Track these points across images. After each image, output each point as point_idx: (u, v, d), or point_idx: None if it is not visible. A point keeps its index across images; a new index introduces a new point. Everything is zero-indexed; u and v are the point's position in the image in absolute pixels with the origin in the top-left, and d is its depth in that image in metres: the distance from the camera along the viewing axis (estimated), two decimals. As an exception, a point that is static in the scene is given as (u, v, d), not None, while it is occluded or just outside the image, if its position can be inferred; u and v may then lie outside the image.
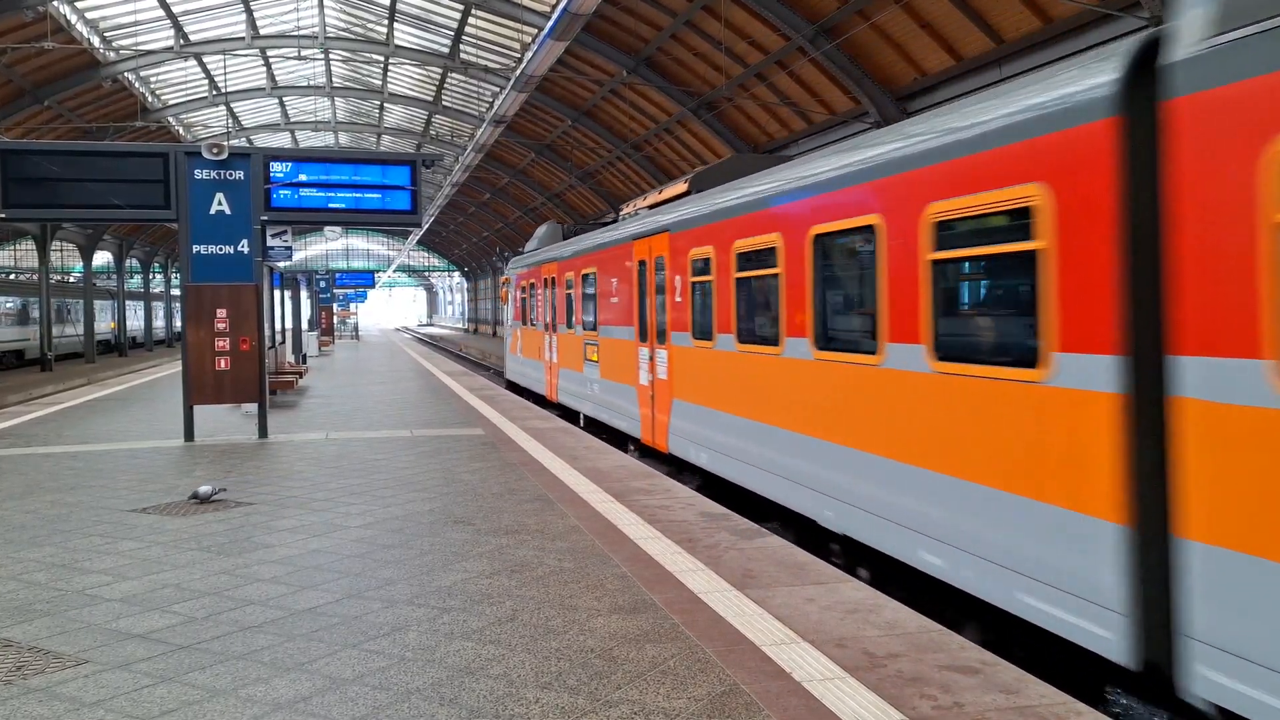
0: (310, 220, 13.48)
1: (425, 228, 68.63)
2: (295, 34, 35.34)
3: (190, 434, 12.38)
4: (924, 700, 4.00)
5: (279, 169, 12.54)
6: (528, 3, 28.23)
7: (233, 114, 44.08)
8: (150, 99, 37.53)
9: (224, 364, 12.22)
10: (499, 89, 33.26)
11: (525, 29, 29.04)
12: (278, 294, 20.19)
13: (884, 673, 4.30)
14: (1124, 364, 4.55)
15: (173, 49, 33.05)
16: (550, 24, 20.07)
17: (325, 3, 34.17)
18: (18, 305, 43.38)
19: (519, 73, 24.41)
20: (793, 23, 22.53)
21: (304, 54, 35.73)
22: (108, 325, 54.32)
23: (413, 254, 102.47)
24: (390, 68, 39.97)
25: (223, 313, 12.18)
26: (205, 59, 35.69)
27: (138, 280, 63.09)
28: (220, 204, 12.23)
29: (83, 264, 49.66)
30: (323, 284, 43.87)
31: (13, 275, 58.87)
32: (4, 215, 11.81)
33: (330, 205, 12.79)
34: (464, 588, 5.67)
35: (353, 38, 36.77)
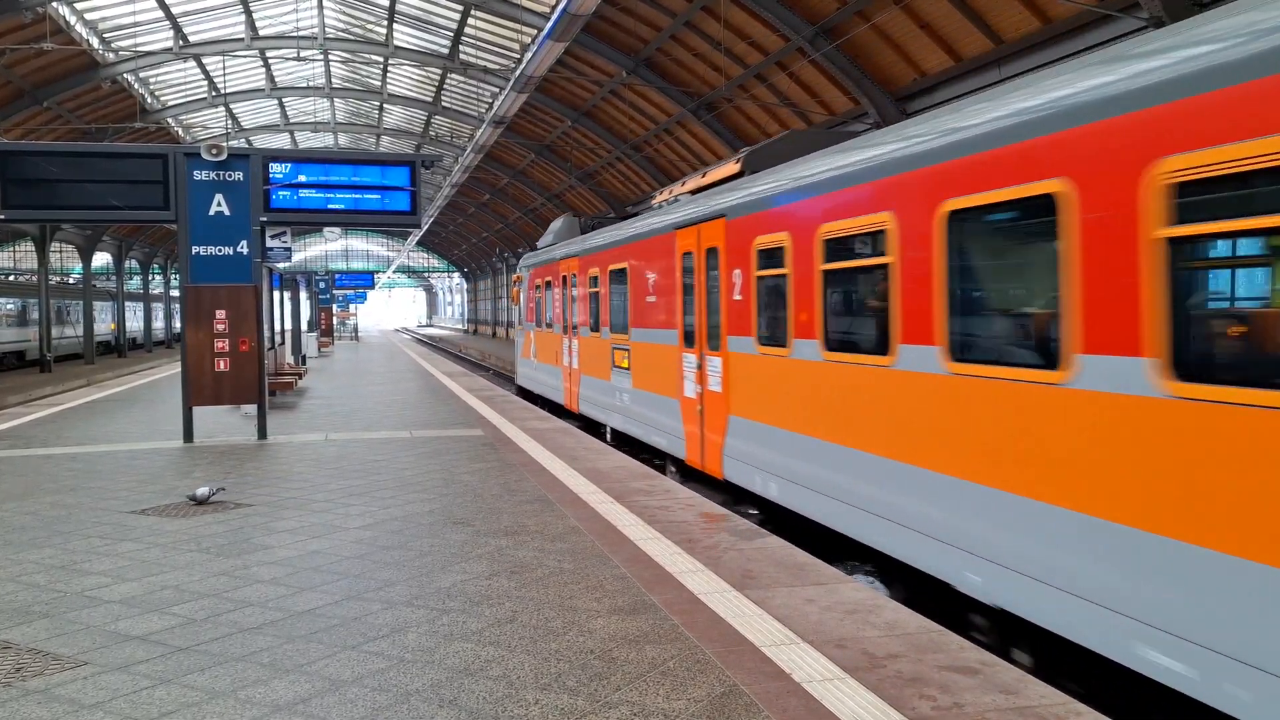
0: (309, 221, 13.47)
1: (425, 229, 68.62)
2: (294, 35, 35.33)
3: (190, 435, 12.37)
4: (924, 701, 3.99)
5: (278, 170, 12.53)
6: (527, 3, 28.23)
7: (232, 115, 44.07)
8: (149, 100, 37.52)
9: (223, 365, 12.22)
10: (498, 90, 33.26)
11: (525, 30, 29.04)
12: (277, 295, 20.18)
13: (884, 673, 4.29)
14: None
15: (172, 50, 33.04)
16: (549, 25, 20.07)
17: (324, 4, 34.17)
18: (18, 307, 43.36)
19: (518, 73, 24.40)
20: (792, 23, 22.53)
21: (303, 55, 35.72)
22: (107, 326, 54.30)
23: (412, 255, 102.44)
24: (389, 68, 39.96)
25: (222, 314, 12.17)
26: (204, 60, 35.67)
27: (137, 281, 63.03)
28: (219, 205, 12.22)
29: (82, 265, 49.62)
30: (322, 285, 43.86)
31: (12, 277, 58.82)
32: (3, 216, 11.80)
33: (329, 206, 12.78)
34: (463, 589, 5.66)
35: (352, 39, 36.77)
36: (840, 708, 3.92)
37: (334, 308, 52.18)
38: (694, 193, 11.52)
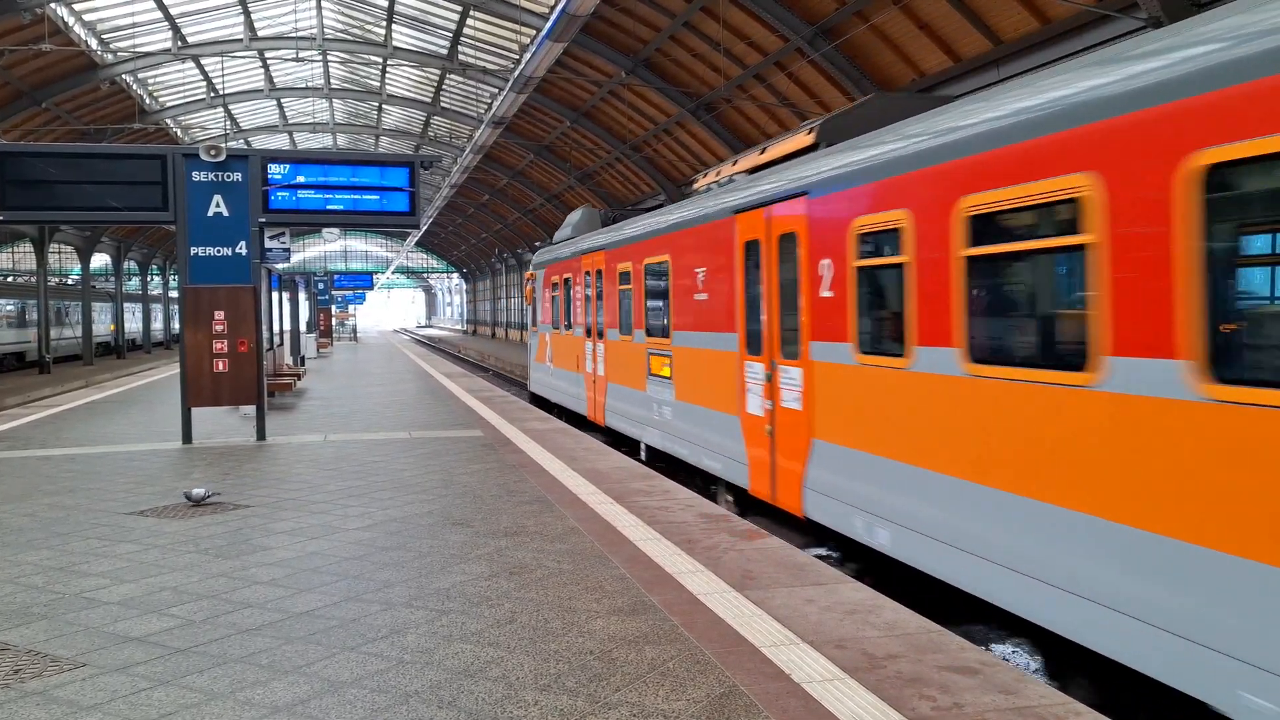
0: (308, 222, 13.47)
1: (423, 229, 68.60)
2: (293, 35, 35.32)
3: (188, 436, 12.36)
4: (923, 701, 3.99)
5: (277, 171, 12.52)
6: (526, 4, 28.22)
7: (230, 116, 44.05)
8: (148, 101, 37.50)
9: (222, 366, 12.21)
10: (497, 90, 33.26)
11: (523, 30, 29.04)
12: (276, 296, 20.17)
13: (883, 673, 4.29)
14: None
15: (170, 51, 33.02)
16: (548, 25, 20.07)
17: (323, 4, 34.16)
18: (17, 308, 43.34)
19: (517, 74, 24.40)
20: (791, 24, 22.53)
21: (302, 56, 35.72)
22: (106, 327, 54.28)
23: (411, 255, 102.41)
24: (388, 69, 39.95)
25: (221, 315, 12.16)
26: (203, 61, 35.66)
27: (136, 282, 63.02)
28: (218, 206, 12.22)
29: (81, 266, 49.60)
30: (321, 285, 43.86)
31: (11, 278, 58.80)
32: (2, 218, 11.81)
33: (328, 207, 12.78)
34: (463, 590, 5.66)
35: (351, 39, 36.76)
36: (840, 708, 3.92)
37: (333, 308, 52.16)
38: (753, 171, 9.85)
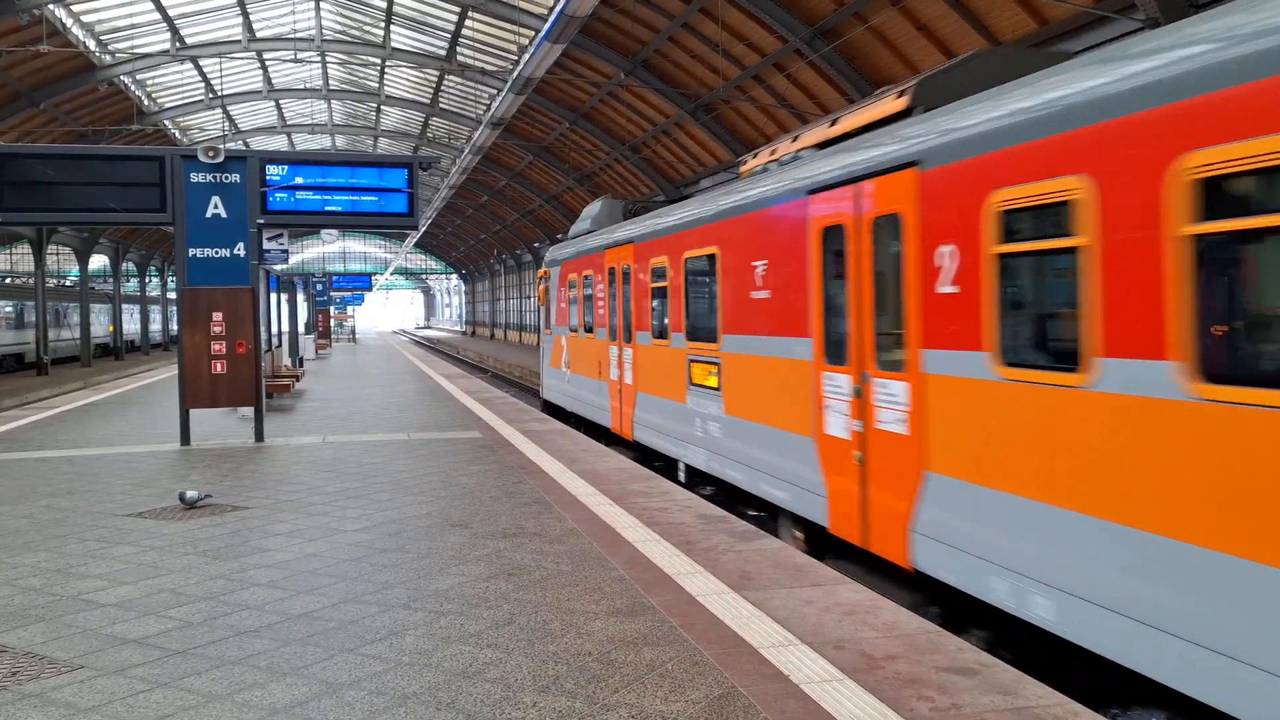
0: (307, 223, 13.46)
1: (422, 230, 68.59)
2: (291, 37, 35.30)
3: (186, 438, 12.35)
4: (921, 702, 3.99)
5: (275, 172, 12.52)
6: (524, 5, 28.23)
7: (229, 117, 44.04)
8: (146, 102, 37.48)
9: (220, 368, 12.20)
10: (496, 91, 33.25)
11: (522, 31, 29.04)
12: (274, 297, 20.17)
13: (882, 674, 4.29)
14: None
15: (169, 52, 33.00)
16: (547, 26, 20.08)
17: (321, 6, 34.15)
18: (15, 310, 43.30)
19: (516, 75, 24.41)
20: (789, 25, 22.54)
21: (300, 57, 35.70)
22: (104, 329, 54.26)
23: (410, 256, 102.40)
24: (387, 70, 39.94)
25: (219, 316, 12.16)
26: (201, 62, 35.64)
27: (134, 284, 62.99)
28: (216, 207, 12.21)
29: (79, 267, 49.58)
30: (319, 287, 43.86)
31: (9, 280, 58.75)
32: (0, 219, 11.80)
33: (327, 208, 12.77)
34: (461, 591, 5.65)
35: (349, 40, 36.75)
36: (838, 709, 3.92)
37: (331, 310, 52.14)
38: (823, 146, 8.31)
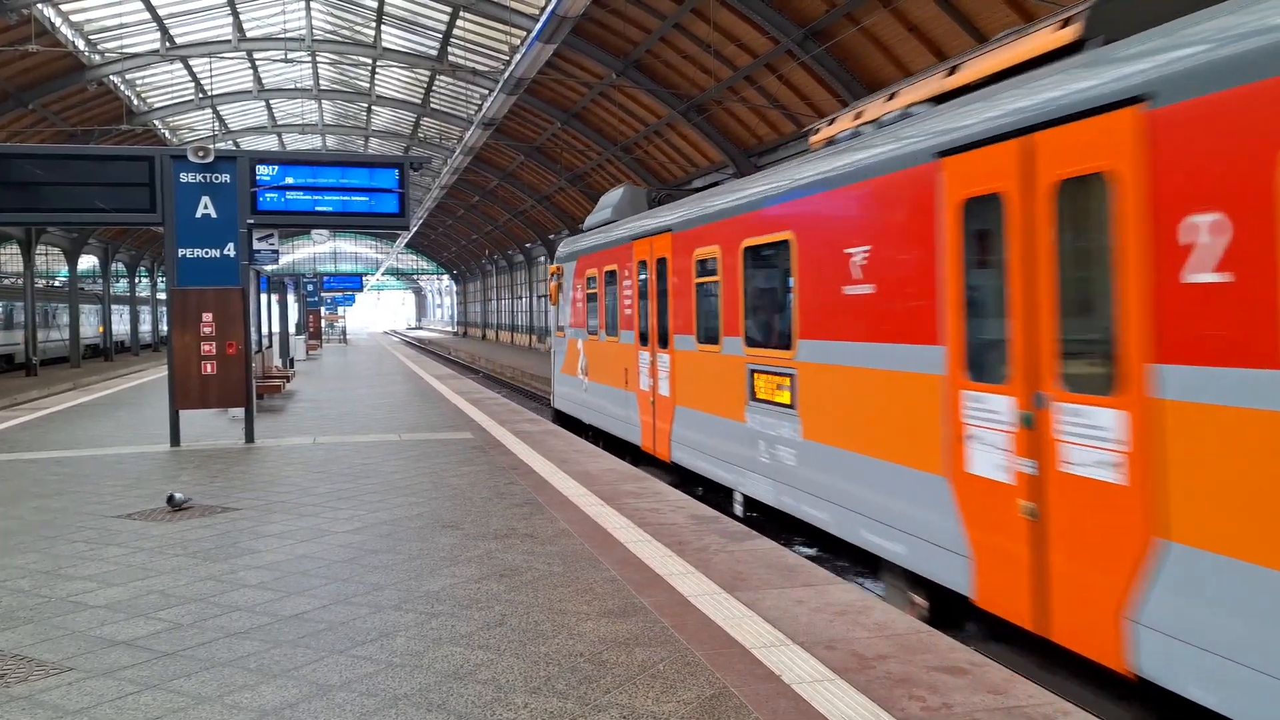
0: (297, 224, 13.43)
1: (413, 231, 68.48)
2: (282, 36, 35.19)
3: (176, 439, 12.30)
4: (913, 701, 3.99)
5: (265, 172, 12.48)
6: (516, 5, 28.21)
7: (219, 117, 43.90)
8: (136, 102, 37.33)
9: (210, 368, 12.15)
10: (487, 91, 33.21)
11: (513, 31, 29.02)
12: (264, 297, 20.10)
13: (873, 674, 4.29)
14: None
15: (158, 52, 32.87)
16: (538, 26, 20.07)
17: (312, 5, 34.06)
18: (4, 310, 43.07)
19: (507, 75, 24.39)
20: (781, 26, 22.57)
21: (291, 56, 35.60)
22: (94, 330, 54.02)
23: (401, 257, 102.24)
24: (378, 70, 39.86)
25: (209, 317, 12.11)
26: (191, 62, 35.51)
27: (124, 284, 62.73)
28: (206, 207, 12.17)
29: (68, 268, 49.34)
30: (310, 287, 43.73)
31: (-2, 280, 58.46)
32: (-12, 219, 11.75)
33: (317, 208, 12.74)
34: (452, 592, 5.64)
35: (340, 40, 36.66)
36: (830, 709, 3.92)
37: (322, 310, 52.00)
38: (940, 100, 6.49)
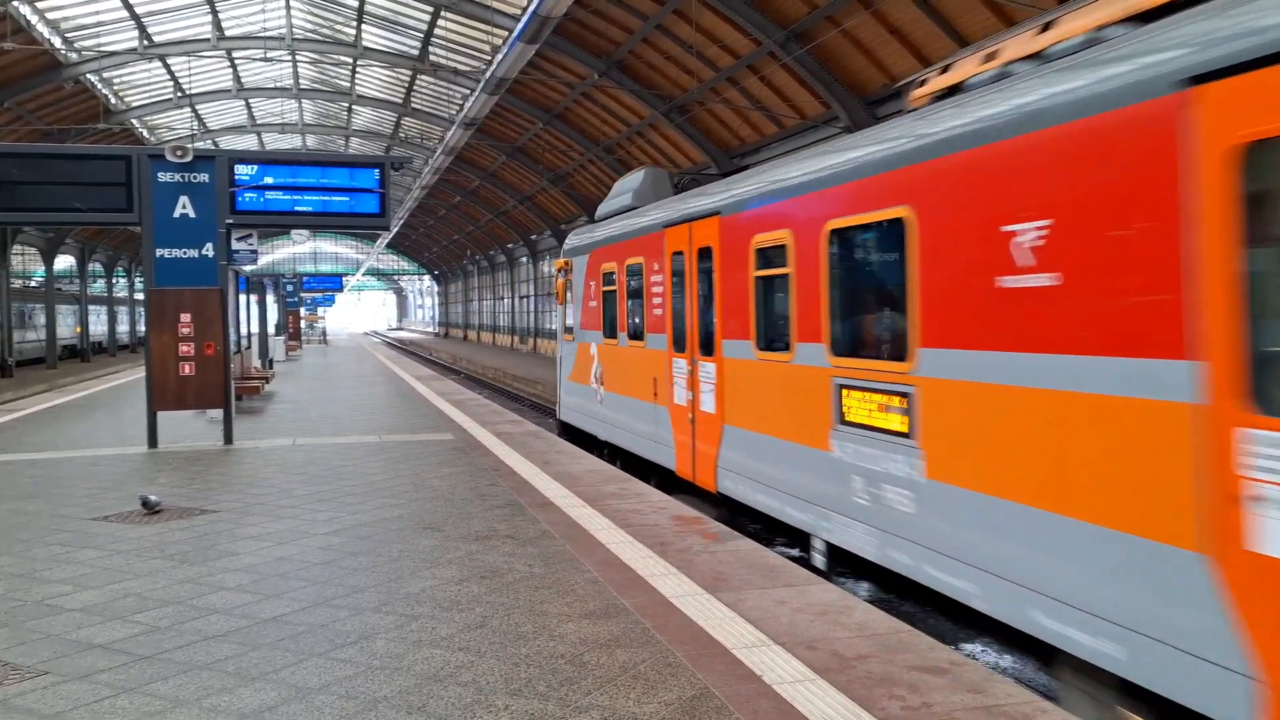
0: (276, 224, 13.35)
1: (394, 231, 68.15)
2: (261, 35, 34.95)
3: (154, 441, 12.19)
4: (893, 701, 4.01)
5: (244, 172, 12.40)
6: (497, 5, 28.13)
7: (198, 116, 43.53)
8: (113, 101, 36.96)
9: (188, 369, 12.06)
10: (469, 91, 33.10)
11: (495, 31, 28.93)
12: (243, 298, 19.97)
13: (854, 674, 4.31)
14: None
15: (136, 50, 32.56)
16: (520, 26, 20.02)
17: (292, 4, 33.84)
18: None
19: (489, 75, 24.32)
20: (763, 27, 22.61)
21: (270, 55, 35.35)
22: (71, 330, 53.48)
23: (382, 257, 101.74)
24: (358, 70, 39.65)
25: (187, 317, 12.01)
26: (169, 60, 35.20)
27: (101, 285, 62.12)
28: (184, 207, 12.07)
29: (44, 268, 48.82)
30: (290, 288, 43.47)
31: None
32: (-39, 218, 11.61)
33: (297, 208, 12.66)
34: (433, 594, 5.62)
35: (320, 39, 36.44)
36: (810, 709, 3.93)
37: (302, 311, 51.70)
38: (1150, 16, 4.78)
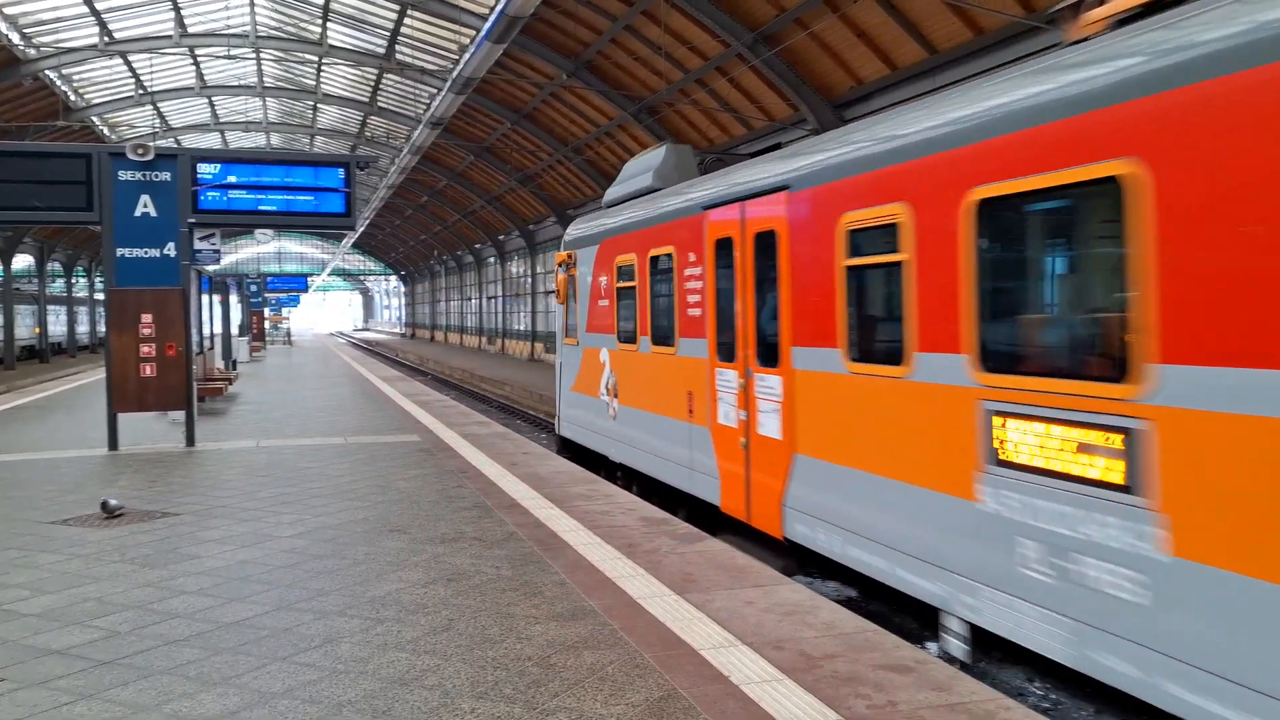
0: (240, 223, 13.19)
1: (360, 231, 67.60)
2: (225, 32, 34.52)
3: (114, 443, 12.00)
4: (859, 700, 4.04)
5: (207, 170, 12.23)
6: (465, 4, 27.99)
7: (160, 114, 42.89)
8: (73, 98, 36.32)
9: (149, 370, 11.88)
10: (436, 90, 32.91)
11: (463, 30, 28.78)
12: (206, 298, 19.72)
13: (820, 673, 4.33)
14: None
15: (97, 46, 32.01)
16: (487, 26, 19.94)
17: (256, 1, 33.46)
18: None
19: (456, 74, 24.19)
20: (732, 29, 22.68)
21: (234, 53, 34.92)
22: (30, 331, 52.54)
23: (347, 257, 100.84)
24: (324, 68, 39.27)
25: (148, 318, 11.84)
26: (131, 57, 34.66)
27: (61, 284, 61.06)
28: (145, 206, 11.89)
29: (1, 268, 47.90)
30: (253, 288, 42.98)
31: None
32: (-86, 216, 11.36)
33: (261, 208, 12.52)
34: (399, 597, 5.58)
35: (285, 37, 36.04)
36: (777, 709, 3.95)
37: (266, 311, 51.13)
38: None
